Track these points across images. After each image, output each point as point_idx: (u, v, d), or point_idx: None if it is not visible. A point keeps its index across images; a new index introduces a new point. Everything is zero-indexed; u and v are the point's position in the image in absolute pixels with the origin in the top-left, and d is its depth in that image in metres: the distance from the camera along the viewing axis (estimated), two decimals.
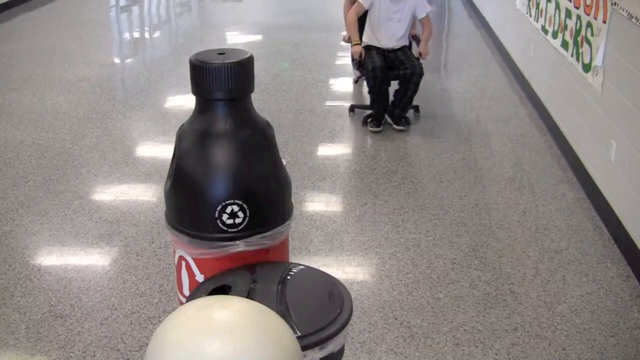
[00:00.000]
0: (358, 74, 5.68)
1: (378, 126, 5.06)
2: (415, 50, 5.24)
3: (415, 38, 5.37)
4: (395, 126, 5.10)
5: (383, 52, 5.09)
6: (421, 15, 5.12)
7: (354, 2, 5.14)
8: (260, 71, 6.46)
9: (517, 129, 5.18)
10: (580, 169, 4.24)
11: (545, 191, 4.17)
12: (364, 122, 5.17)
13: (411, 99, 5.00)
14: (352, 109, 5.48)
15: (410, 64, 4.93)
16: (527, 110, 5.53)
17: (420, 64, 4.94)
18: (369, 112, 5.24)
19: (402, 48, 5.18)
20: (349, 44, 5.23)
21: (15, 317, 2.94)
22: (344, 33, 5.41)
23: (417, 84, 4.90)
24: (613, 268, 3.38)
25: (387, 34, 5.10)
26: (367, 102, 5.28)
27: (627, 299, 3.13)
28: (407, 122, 5.17)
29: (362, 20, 5.19)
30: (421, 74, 4.89)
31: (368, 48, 5.10)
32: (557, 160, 4.59)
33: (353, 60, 5.34)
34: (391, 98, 5.09)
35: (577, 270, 3.35)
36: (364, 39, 5.17)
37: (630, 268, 3.36)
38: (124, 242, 3.55)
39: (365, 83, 5.54)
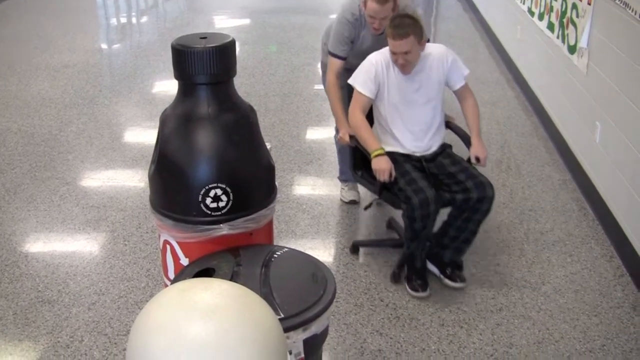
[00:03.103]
0: (372, 198, 3.30)
1: (425, 289, 3.02)
2: (455, 148, 3.26)
3: (447, 124, 3.30)
4: (448, 282, 3.08)
5: (420, 163, 3.08)
6: (459, 83, 3.17)
7: (338, 71, 3.35)
8: (247, 55, 6.46)
9: (505, 111, 5.20)
10: (566, 150, 4.27)
11: (532, 173, 4.19)
12: (395, 279, 3.12)
13: (474, 234, 3.05)
14: (355, 248, 3.36)
15: (473, 180, 2.94)
16: (514, 93, 5.55)
17: (487, 178, 2.97)
18: (384, 252, 3.34)
19: (444, 150, 3.16)
20: (336, 138, 3.45)
21: (2, 304, 2.94)
22: (334, 130, 3.57)
23: (487, 213, 2.97)
24: (597, 248, 3.42)
25: (414, 128, 3.10)
26: (377, 234, 3.54)
27: (610, 279, 3.17)
28: (460, 269, 3.13)
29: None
30: (493, 196, 2.93)
31: (393, 158, 3.00)
32: (544, 142, 4.62)
33: (357, 174, 3.27)
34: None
35: (562, 251, 3.39)
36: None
37: (613, 248, 3.40)
38: (111, 227, 3.56)
39: (361, 204, 3.74)
